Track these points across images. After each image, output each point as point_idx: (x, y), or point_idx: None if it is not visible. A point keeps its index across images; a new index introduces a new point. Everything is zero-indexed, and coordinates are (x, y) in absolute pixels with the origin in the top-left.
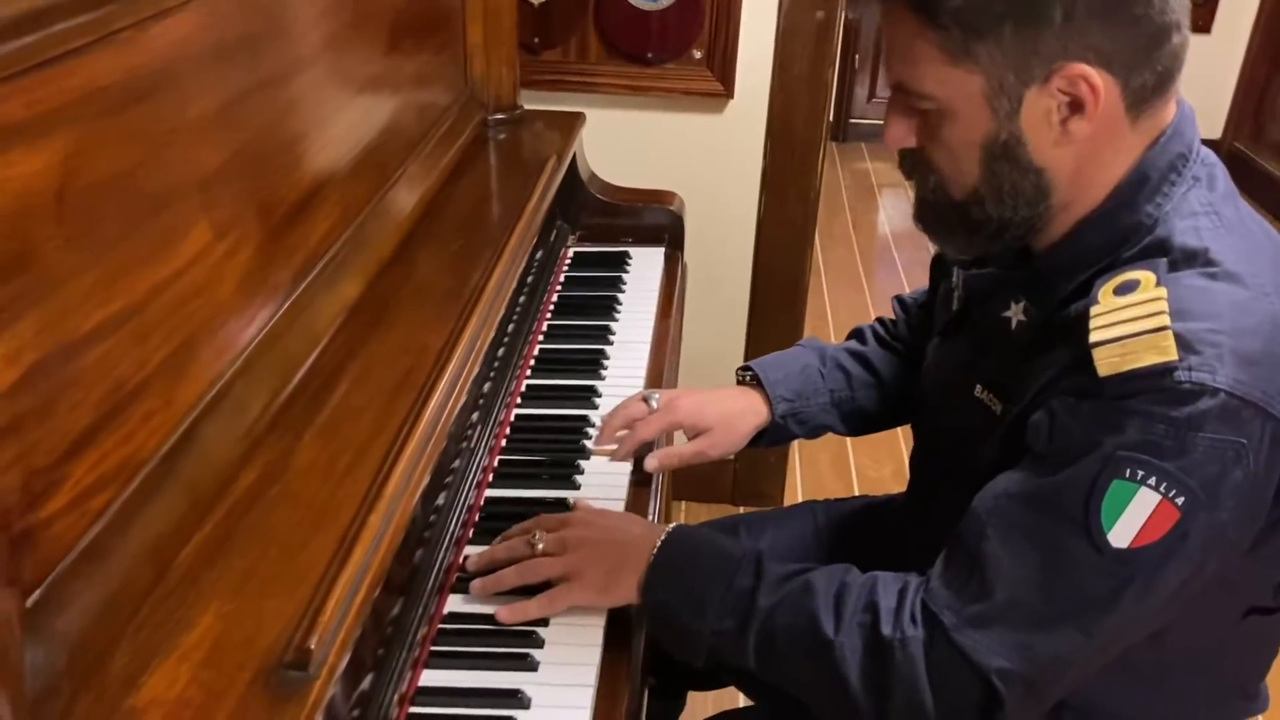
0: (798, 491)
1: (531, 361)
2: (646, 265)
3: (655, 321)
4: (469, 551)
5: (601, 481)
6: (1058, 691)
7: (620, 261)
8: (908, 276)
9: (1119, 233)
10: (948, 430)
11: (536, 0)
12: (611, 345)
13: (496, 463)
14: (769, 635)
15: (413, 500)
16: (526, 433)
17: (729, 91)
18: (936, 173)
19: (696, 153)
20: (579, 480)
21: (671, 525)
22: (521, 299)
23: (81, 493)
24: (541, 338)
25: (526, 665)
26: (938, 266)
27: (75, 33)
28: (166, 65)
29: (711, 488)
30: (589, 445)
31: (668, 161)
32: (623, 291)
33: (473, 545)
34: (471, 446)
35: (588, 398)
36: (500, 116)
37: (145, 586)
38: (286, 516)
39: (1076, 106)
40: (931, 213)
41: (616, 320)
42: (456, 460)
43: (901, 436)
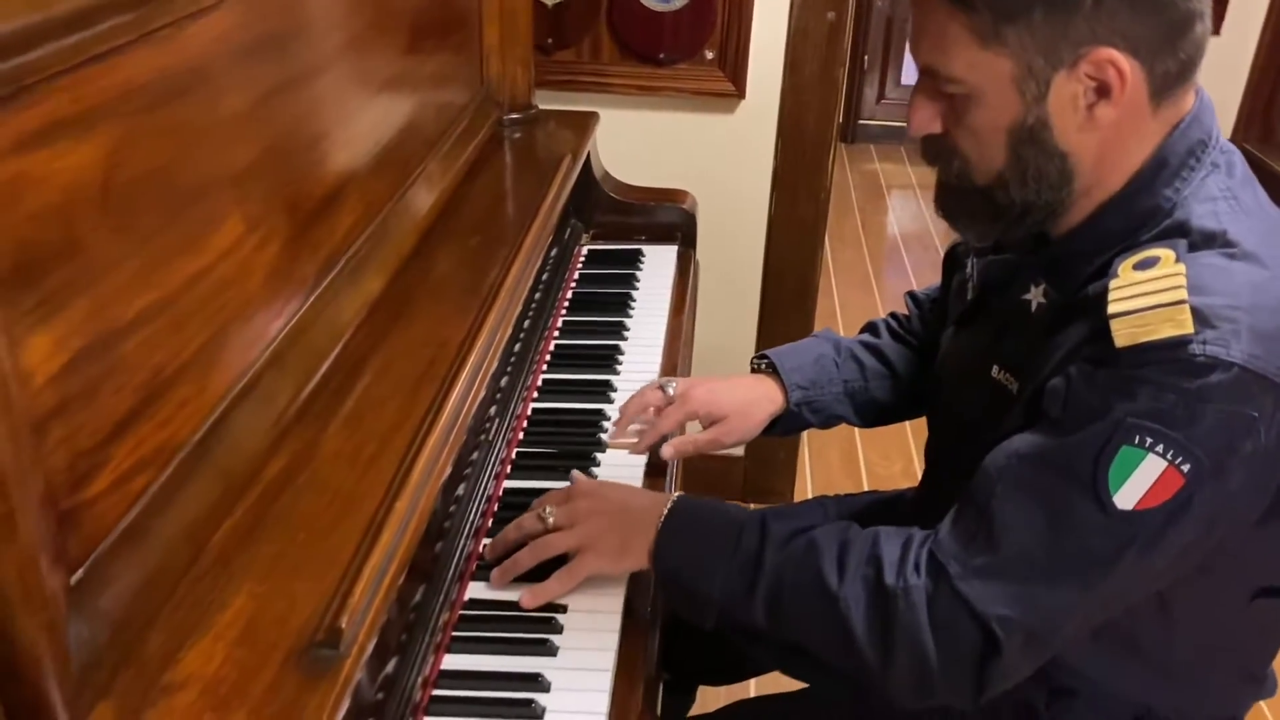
0: (808, 488)
1: (547, 357)
2: (660, 263)
3: (669, 318)
4: (488, 542)
5: (617, 474)
6: (1054, 645)
7: (634, 259)
8: (917, 278)
9: (1138, 216)
10: (964, 415)
11: (550, 1)
12: (626, 341)
13: (514, 455)
14: (776, 592)
15: (436, 487)
16: (543, 426)
17: (740, 92)
18: (961, 158)
19: (708, 152)
20: (595, 473)
21: (677, 493)
22: (537, 295)
23: (122, 475)
24: (557, 333)
25: (546, 650)
26: (950, 260)
27: (118, 31)
28: (201, 63)
29: (722, 484)
30: (605, 439)
31: (680, 161)
32: (636, 288)
33: (492, 536)
34: (490, 439)
35: (603, 392)
36: (515, 116)
37: (181, 567)
38: (314, 503)
39: (1103, 91)
40: (954, 198)
41: (630, 316)
42: (475, 452)
43: (911, 433)
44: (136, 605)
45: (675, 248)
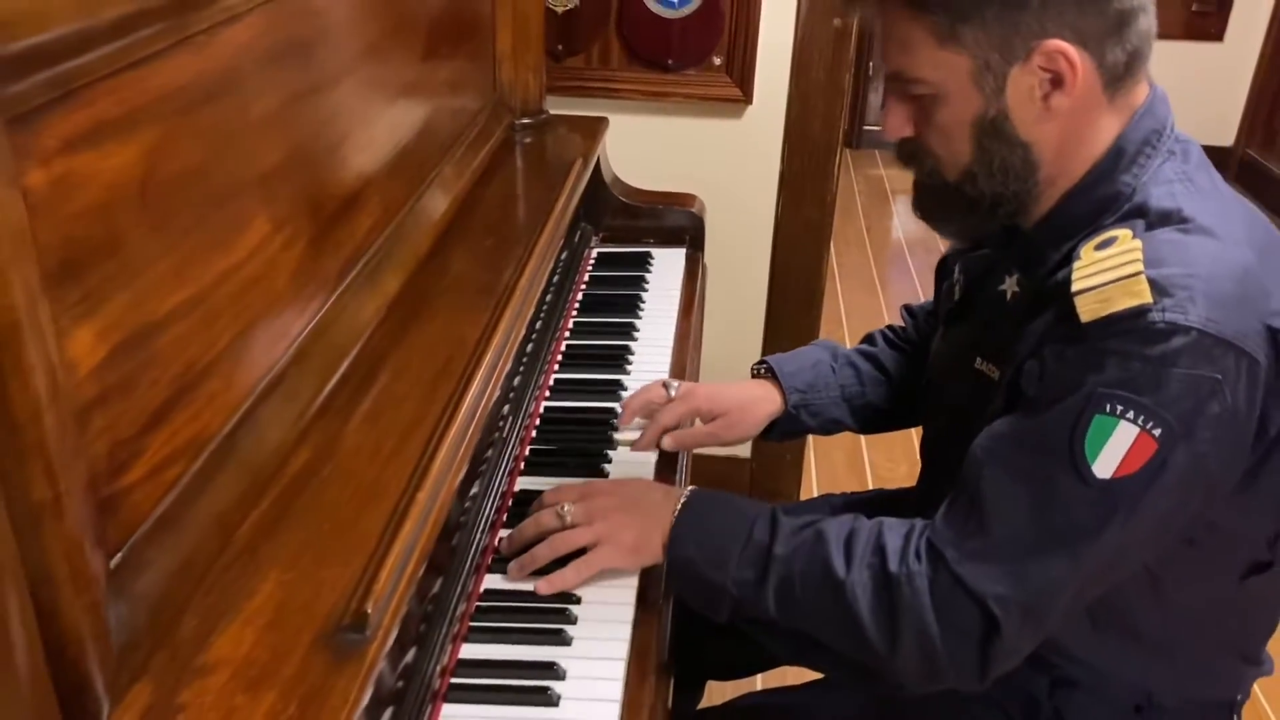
0: (813, 490)
1: (559, 357)
2: (668, 265)
3: (677, 319)
4: (504, 534)
5: (627, 471)
6: (1052, 619)
7: (643, 261)
8: (921, 281)
9: (1100, 202)
10: (952, 409)
11: (560, 8)
12: (636, 341)
13: (528, 452)
14: (787, 582)
15: (455, 480)
16: (555, 424)
17: (748, 97)
18: (933, 156)
19: (716, 157)
20: (606, 469)
21: (690, 487)
22: (549, 297)
23: (157, 465)
24: (568, 334)
25: (561, 640)
26: (941, 269)
27: (159, 36)
28: (232, 69)
29: (728, 486)
30: (616, 436)
31: (688, 165)
32: (646, 290)
33: (507, 529)
34: (504, 436)
35: (614, 391)
36: (526, 121)
37: (211, 555)
38: (338, 494)
39: (1057, 82)
40: (930, 197)
41: (640, 318)
42: (490, 450)
43: (915, 436)
44: (170, 590)
45: (683, 250)
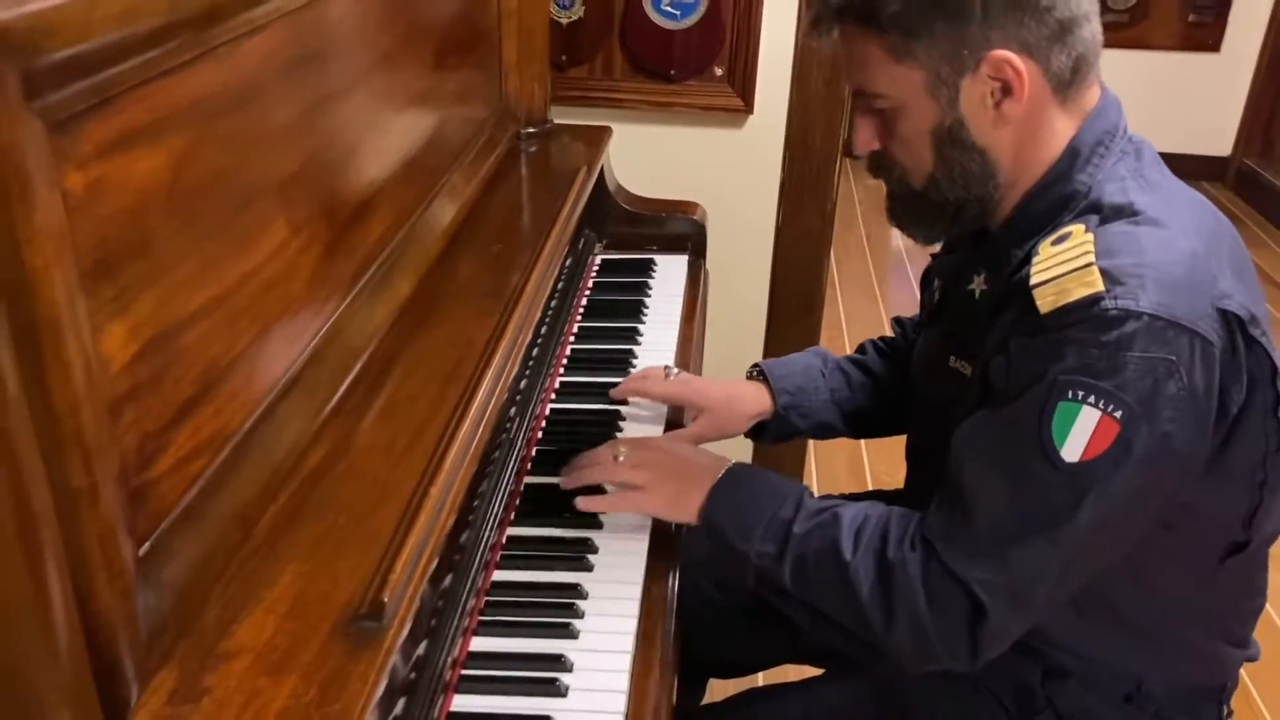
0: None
1: (564, 360)
2: (671, 272)
3: (680, 325)
4: (511, 532)
5: None
6: (1037, 604)
7: (646, 268)
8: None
9: (1058, 201)
10: (931, 408)
11: (565, 20)
12: (639, 346)
13: (534, 452)
14: (801, 559)
15: (467, 477)
16: (561, 425)
17: (749, 107)
18: (899, 167)
19: (718, 165)
20: None
21: (734, 461)
22: (554, 302)
23: (182, 458)
24: (573, 338)
25: (568, 633)
26: (926, 278)
27: (187, 47)
28: (254, 78)
29: None
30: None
31: (690, 174)
32: (649, 296)
33: (514, 527)
34: (511, 437)
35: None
36: (532, 130)
37: (233, 546)
38: (353, 490)
39: (1006, 90)
40: (900, 204)
41: (643, 323)
42: (497, 450)
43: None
44: (194, 579)
45: (686, 257)
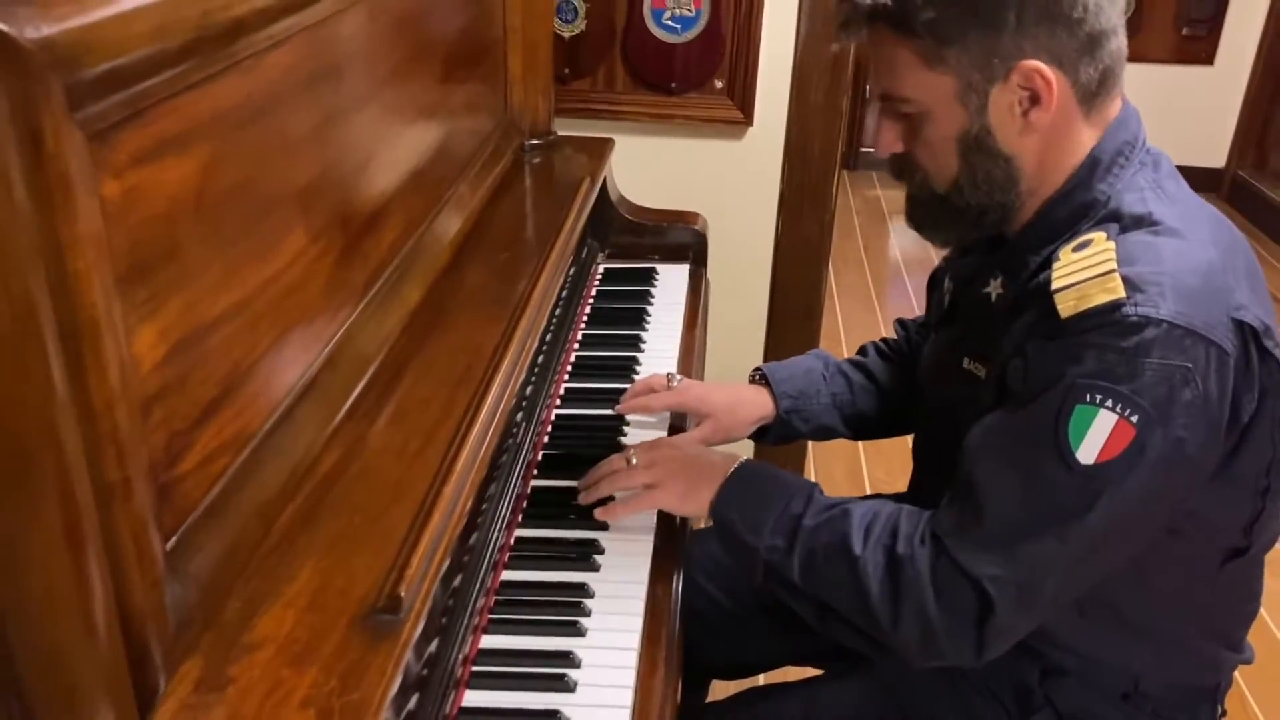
0: None
1: (569, 367)
2: (673, 281)
3: (682, 333)
4: (519, 533)
5: None
6: (1045, 602)
7: (648, 277)
8: (918, 300)
9: (1078, 209)
10: (942, 409)
11: (567, 34)
12: (642, 353)
13: (540, 456)
14: (811, 552)
15: (478, 478)
16: (566, 430)
17: (748, 119)
18: (921, 170)
19: (718, 176)
20: None
21: (745, 457)
22: (558, 310)
23: (207, 456)
24: (577, 345)
25: (576, 631)
26: (933, 282)
27: (213, 61)
28: (275, 91)
29: None
30: (624, 441)
31: (691, 185)
32: (651, 304)
33: (522, 528)
34: (518, 442)
35: (621, 400)
36: (536, 141)
37: (253, 543)
38: (367, 490)
39: (1035, 99)
40: (921, 208)
41: (646, 330)
42: (505, 455)
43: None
44: (218, 574)
45: (687, 266)
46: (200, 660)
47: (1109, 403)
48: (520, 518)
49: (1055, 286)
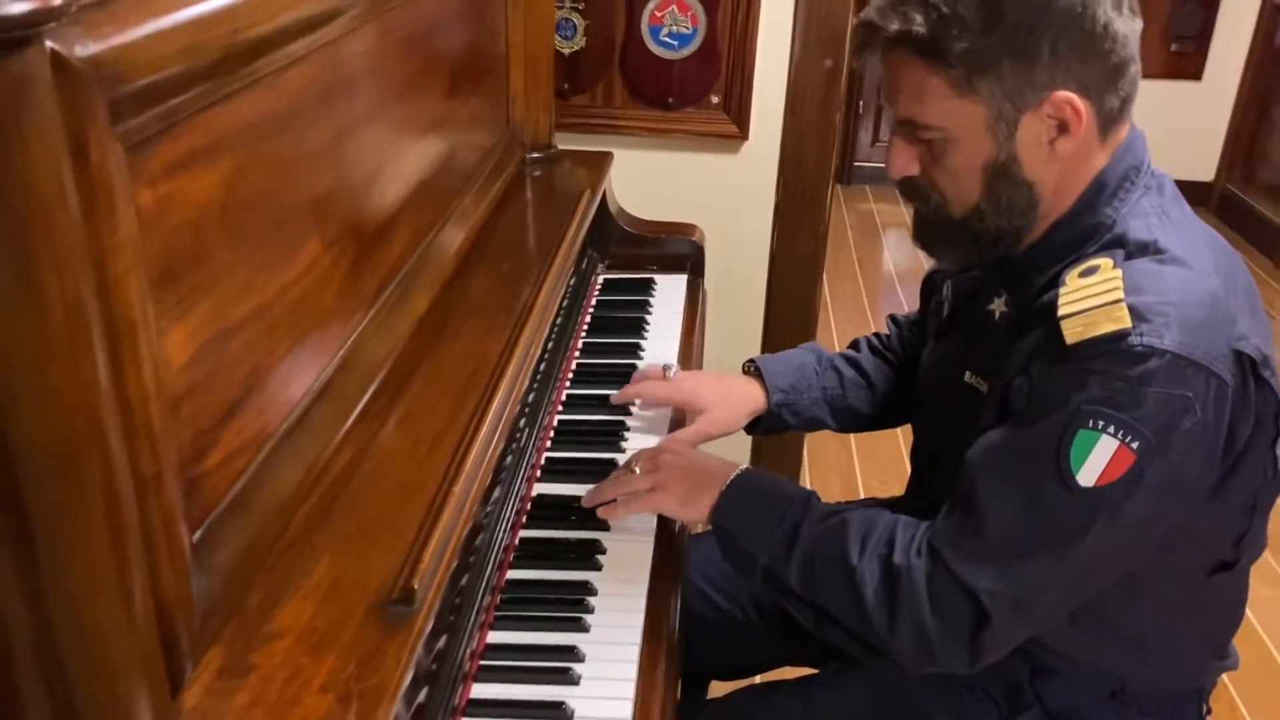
0: None
1: (570, 374)
2: (671, 291)
3: (680, 340)
4: (523, 534)
5: None
6: (1039, 614)
7: (647, 287)
8: (910, 311)
9: (1084, 231)
10: (943, 419)
11: (567, 50)
12: (641, 360)
13: (543, 460)
14: (809, 559)
15: (486, 478)
16: (569, 435)
17: (744, 133)
18: (939, 193)
19: (714, 189)
20: None
21: (745, 465)
22: (560, 319)
23: (229, 454)
24: (578, 353)
25: (580, 626)
26: (928, 284)
27: (241, 76)
28: (293, 106)
29: None
30: (625, 445)
31: (688, 197)
32: (650, 313)
33: (526, 529)
34: (522, 446)
35: (622, 405)
36: (537, 155)
37: (272, 538)
38: (380, 489)
39: (1064, 128)
40: (934, 230)
41: (645, 338)
42: (509, 458)
43: (905, 458)
44: (239, 567)
45: (685, 277)
46: (224, 648)
47: (1111, 429)
48: (524, 520)
49: (1062, 313)
